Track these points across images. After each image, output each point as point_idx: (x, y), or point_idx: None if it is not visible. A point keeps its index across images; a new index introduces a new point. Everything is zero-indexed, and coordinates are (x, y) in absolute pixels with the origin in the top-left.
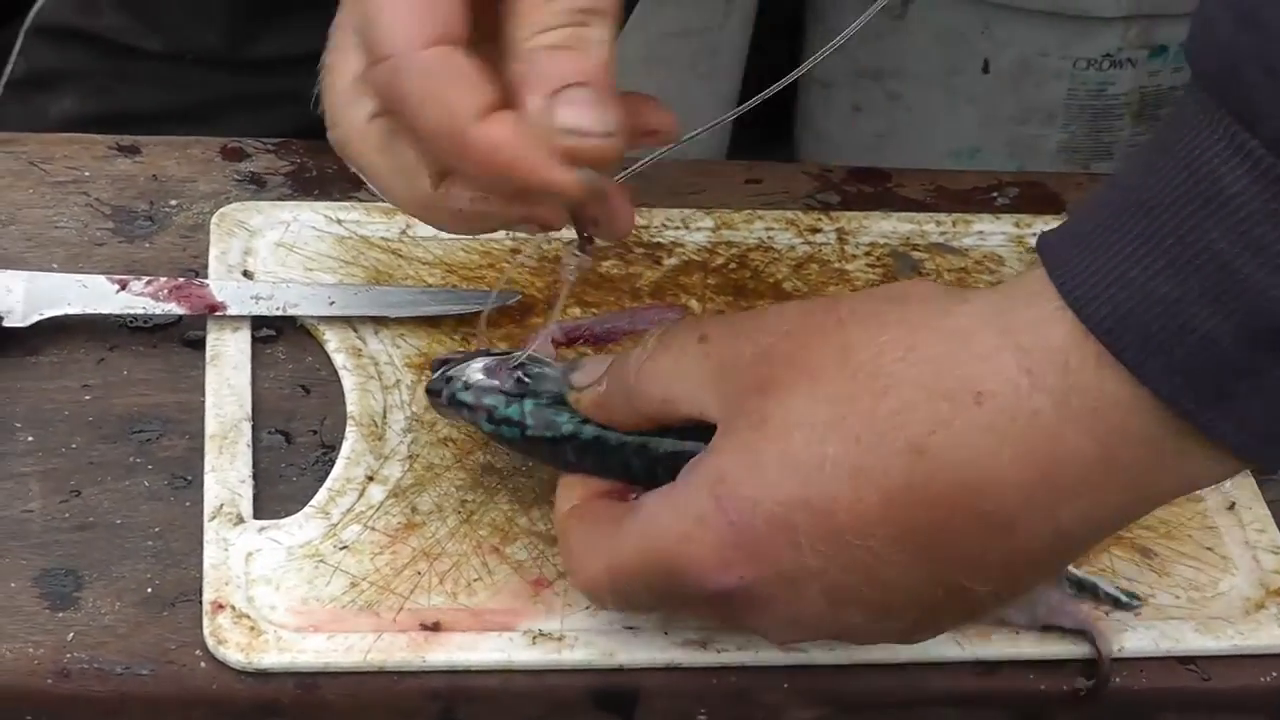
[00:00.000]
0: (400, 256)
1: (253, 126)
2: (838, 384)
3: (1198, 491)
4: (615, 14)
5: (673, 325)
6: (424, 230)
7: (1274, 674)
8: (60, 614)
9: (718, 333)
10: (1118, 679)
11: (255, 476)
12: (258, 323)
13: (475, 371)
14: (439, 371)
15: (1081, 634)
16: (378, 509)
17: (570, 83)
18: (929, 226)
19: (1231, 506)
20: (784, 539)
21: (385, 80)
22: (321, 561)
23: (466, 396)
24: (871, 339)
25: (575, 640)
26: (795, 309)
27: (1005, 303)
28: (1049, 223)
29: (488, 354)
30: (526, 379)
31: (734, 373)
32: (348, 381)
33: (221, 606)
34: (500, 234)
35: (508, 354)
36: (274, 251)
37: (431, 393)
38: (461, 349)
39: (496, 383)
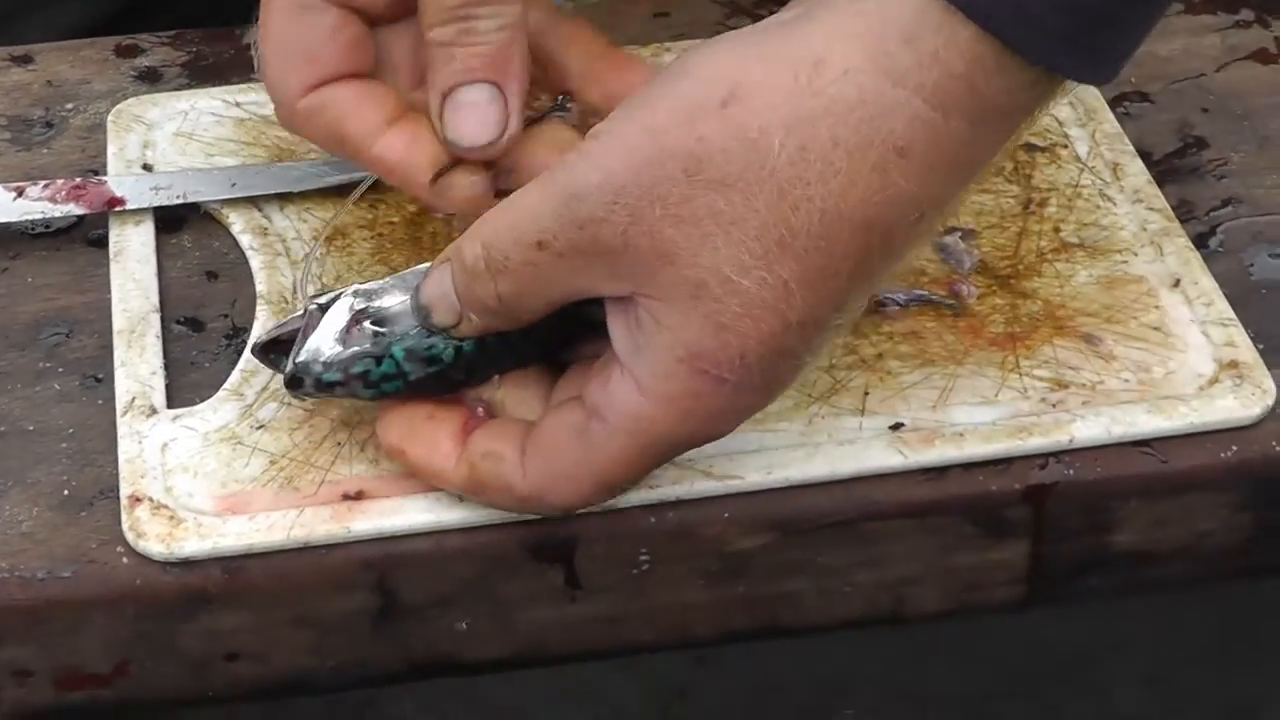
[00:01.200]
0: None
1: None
2: (747, 217)
3: (1140, 272)
4: None
5: (489, 239)
6: None
7: (1234, 448)
8: None
9: (556, 228)
10: (1071, 470)
11: (167, 367)
12: (162, 215)
13: (326, 344)
14: (279, 358)
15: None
16: None
17: (458, 83)
18: None
19: (1177, 283)
20: (785, 364)
21: (281, 123)
22: (239, 443)
23: (334, 375)
24: (748, 161)
25: None
26: (614, 172)
27: (879, 39)
28: None
29: (309, 319)
30: (380, 327)
31: (612, 256)
32: (255, 261)
33: (139, 499)
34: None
35: (328, 298)
36: (173, 142)
37: (293, 386)
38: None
39: (356, 347)
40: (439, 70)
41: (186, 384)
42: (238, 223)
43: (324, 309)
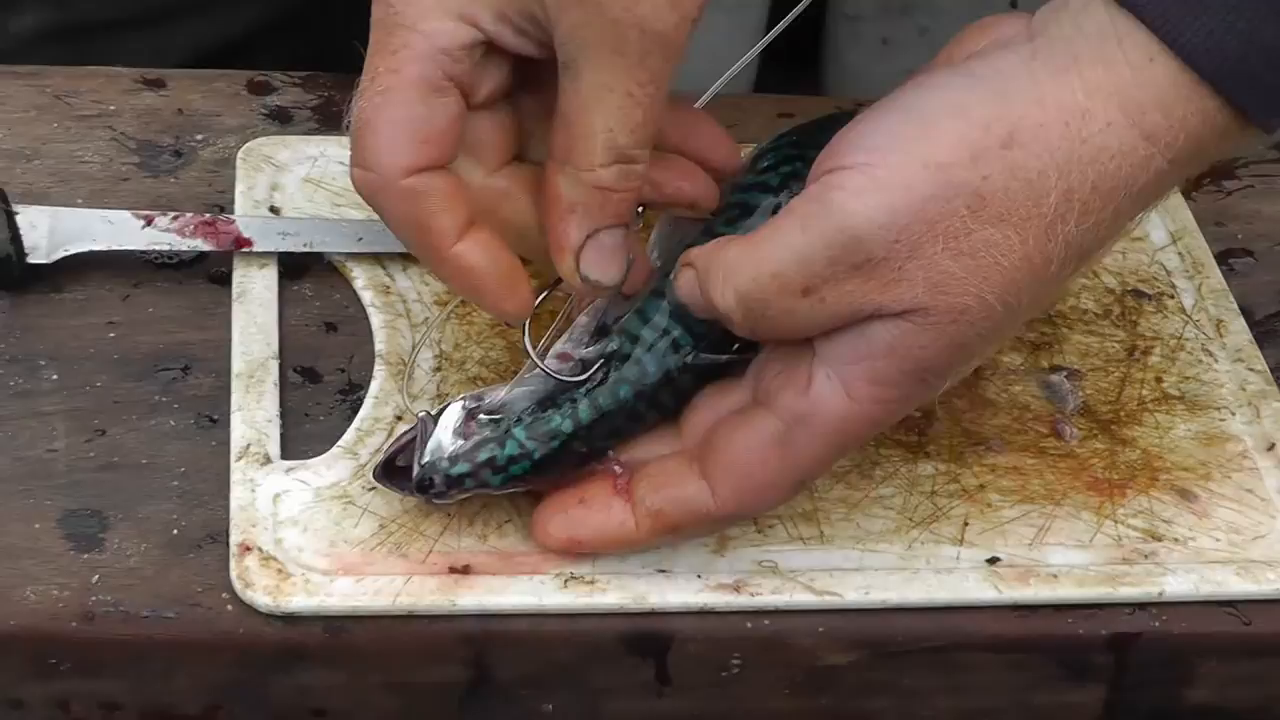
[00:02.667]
0: None
1: (216, 26)
2: (1018, 250)
3: (1237, 431)
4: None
5: (745, 289)
6: None
7: None
8: (85, 555)
9: (828, 273)
10: (1157, 623)
11: (282, 416)
12: (285, 259)
13: (447, 440)
14: (400, 480)
15: None
16: None
17: (605, 227)
18: None
19: (1272, 447)
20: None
21: (367, 193)
22: (350, 503)
23: (462, 467)
24: (1026, 199)
25: (607, 583)
26: (892, 209)
27: (1136, 104)
28: None
29: (423, 427)
30: (497, 414)
31: (881, 292)
32: (375, 319)
33: (249, 548)
34: None
35: (437, 408)
36: (301, 187)
37: (423, 489)
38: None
39: (477, 437)
40: (589, 212)
41: (300, 435)
42: (361, 277)
43: (435, 417)
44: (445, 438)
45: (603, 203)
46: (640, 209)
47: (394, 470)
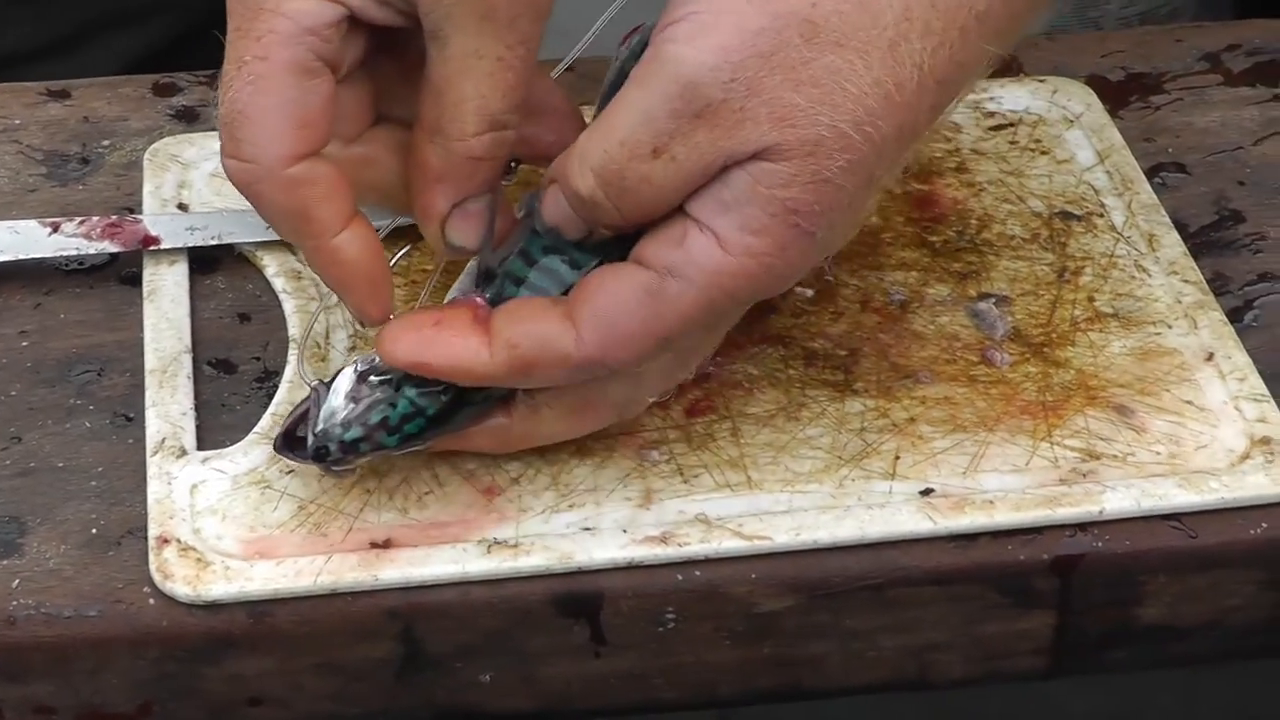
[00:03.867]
0: None
1: (124, 44)
2: (863, 74)
3: (1174, 344)
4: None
5: (599, 163)
6: None
7: (1263, 525)
8: (4, 561)
9: (672, 126)
10: (1100, 543)
11: (198, 408)
12: (196, 255)
13: (339, 405)
14: (301, 441)
15: None
16: None
17: (473, 194)
18: None
19: (1210, 357)
20: (851, 214)
21: (245, 182)
22: (268, 487)
23: (355, 431)
24: (861, 21)
25: (531, 545)
26: (725, 49)
27: None
28: (1005, 86)
29: (316, 395)
30: (387, 374)
31: (727, 135)
32: (288, 305)
33: (167, 540)
34: None
35: (332, 377)
36: (209, 182)
37: (319, 458)
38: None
39: (368, 399)
40: (457, 181)
41: (217, 426)
42: (271, 265)
43: (328, 385)
44: (337, 403)
45: (472, 172)
46: (513, 165)
47: (294, 441)
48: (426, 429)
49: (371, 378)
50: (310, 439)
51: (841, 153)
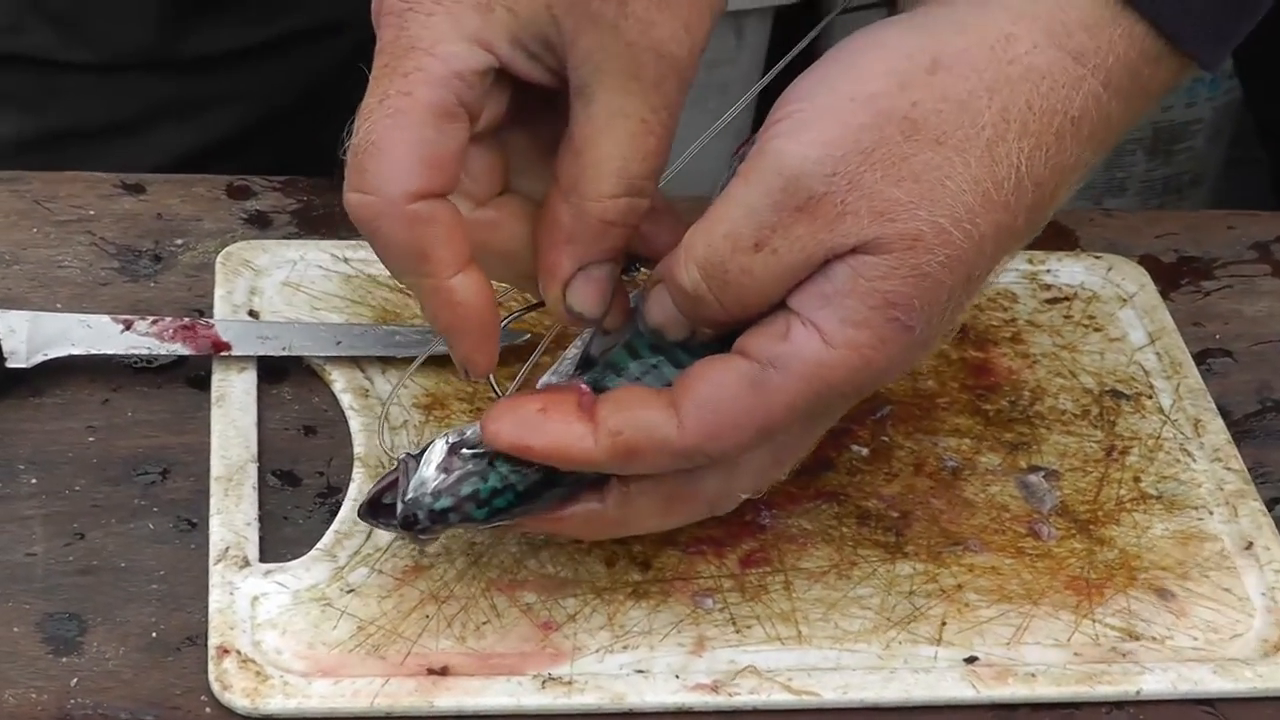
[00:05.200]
0: (407, 295)
1: (196, 131)
2: (961, 171)
3: (1215, 530)
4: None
5: (703, 257)
6: None
7: None
8: (64, 659)
9: (774, 220)
10: None
11: (261, 519)
12: (264, 363)
13: (430, 476)
14: (387, 519)
15: None
16: (385, 551)
17: (599, 260)
18: None
19: (1249, 546)
20: (952, 313)
21: (367, 216)
22: (328, 605)
23: (445, 501)
24: (960, 120)
25: (585, 684)
26: (825, 144)
27: (1061, 25)
28: (1062, 260)
29: (405, 466)
30: (480, 448)
31: (828, 230)
32: (354, 422)
33: (227, 651)
34: None
35: (419, 449)
36: (280, 291)
37: (408, 526)
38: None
39: (459, 471)
40: (585, 244)
41: (279, 538)
42: (339, 380)
43: (417, 456)
44: (429, 473)
45: (601, 235)
46: (636, 266)
47: (380, 509)
48: (515, 505)
49: (464, 450)
50: (400, 506)
51: (941, 248)
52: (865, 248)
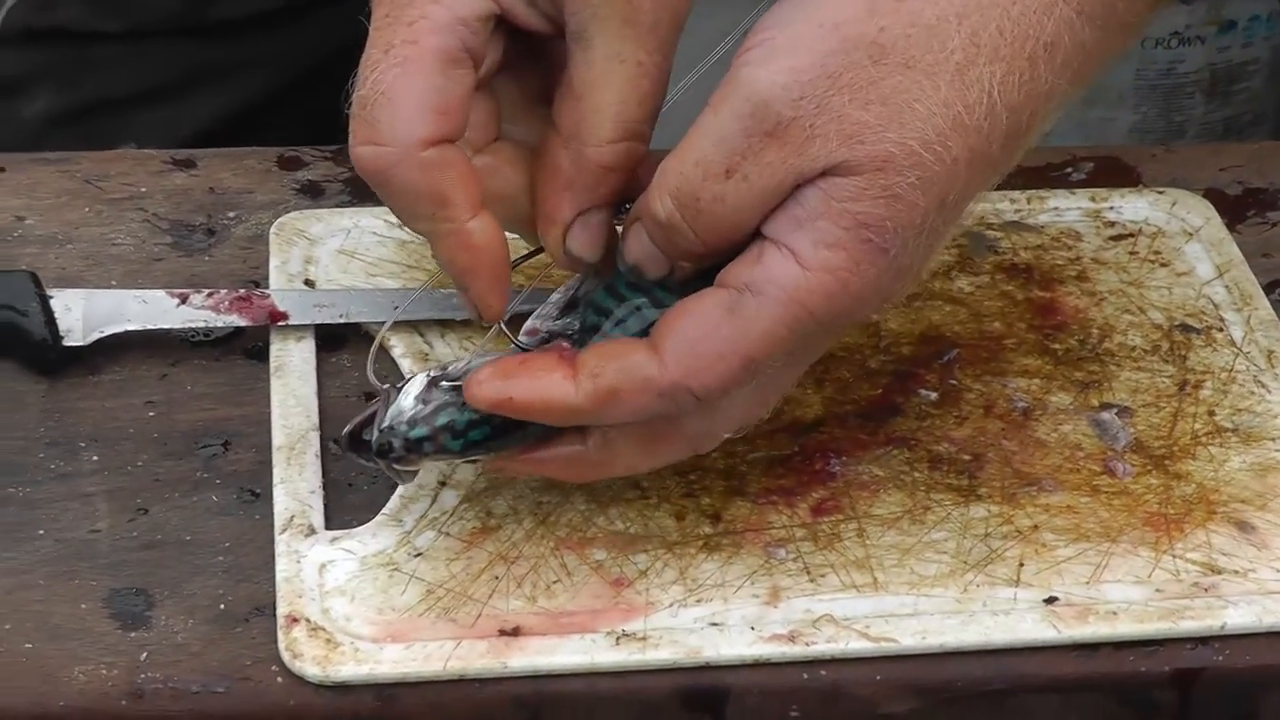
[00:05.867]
0: None
1: (227, 97)
2: (931, 95)
3: None
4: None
5: (675, 186)
6: None
7: None
8: (132, 634)
9: (744, 146)
10: (1220, 657)
11: (325, 487)
12: (322, 332)
13: (408, 405)
14: (366, 436)
15: None
16: (451, 514)
17: (599, 206)
18: (1003, 205)
19: None
20: (929, 240)
21: (380, 166)
22: (396, 570)
23: (421, 430)
24: (929, 45)
25: (660, 639)
26: (794, 70)
27: None
28: (1125, 197)
29: (387, 397)
30: (458, 380)
31: (798, 153)
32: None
33: (296, 620)
34: None
35: (404, 383)
36: (335, 259)
37: (383, 453)
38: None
39: (437, 402)
40: (585, 189)
41: (344, 505)
42: (399, 346)
43: (399, 388)
44: (406, 403)
45: (600, 181)
46: (627, 206)
47: (359, 443)
48: (491, 438)
49: (443, 383)
50: (376, 434)
51: (911, 169)
52: (835, 170)
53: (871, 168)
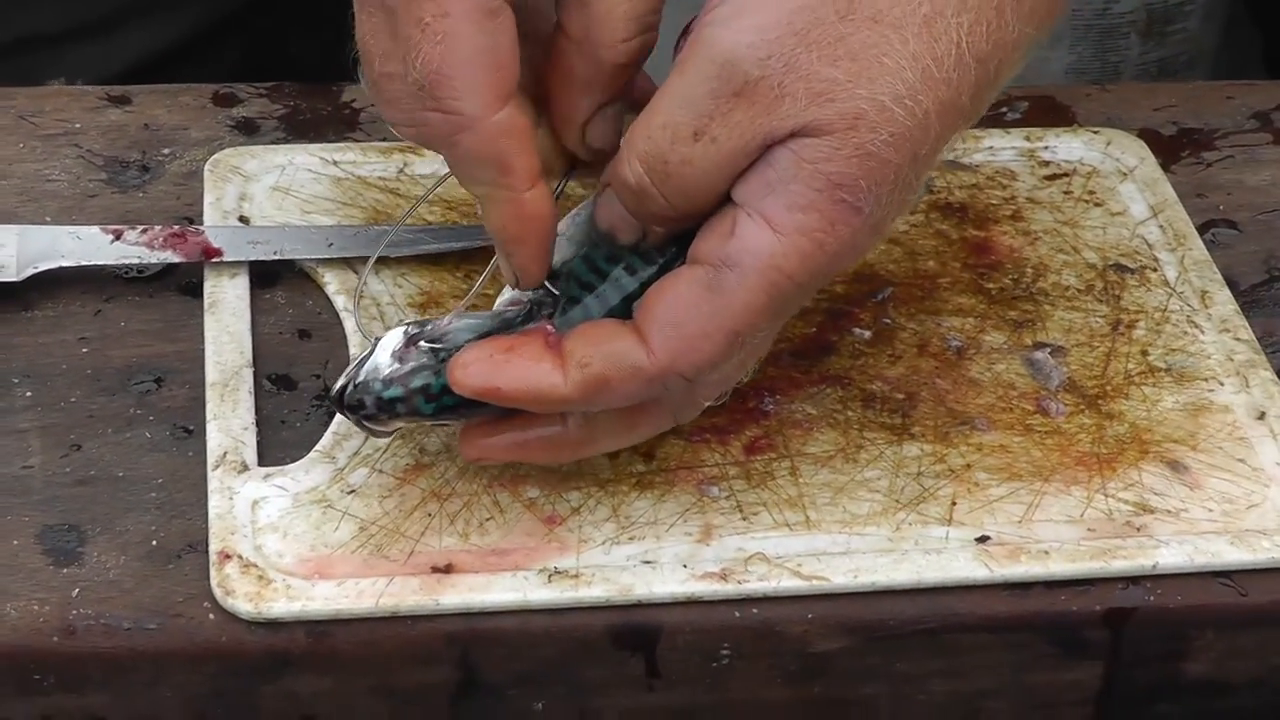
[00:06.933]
0: (398, 195)
1: (157, 32)
2: (899, 49)
3: (1226, 401)
4: None
5: (643, 150)
6: (422, 168)
7: None
8: (64, 570)
9: (712, 107)
10: (1151, 597)
11: (258, 423)
12: (256, 268)
13: (384, 363)
14: (341, 392)
15: None
16: (385, 451)
17: (609, 101)
18: None
19: (1261, 416)
20: (902, 193)
21: (447, 134)
22: (329, 506)
23: (395, 391)
24: (894, 5)
25: (592, 577)
26: (761, 29)
27: None
28: (1060, 136)
29: (370, 346)
30: (438, 343)
31: (767, 112)
32: (349, 324)
33: (228, 556)
34: None
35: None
36: (270, 196)
37: (354, 409)
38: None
39: (414, 363)
40: (601, 88)
41: (277, 442)
42: (333, 283)
43: (376, 341)
44: (383, 359)
45: (616, 78)
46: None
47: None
48: (463, 404)
49: (421, 343)
50: (349, 388)
51: (884, 126)
52: (806, 130)
53: (843, 126)
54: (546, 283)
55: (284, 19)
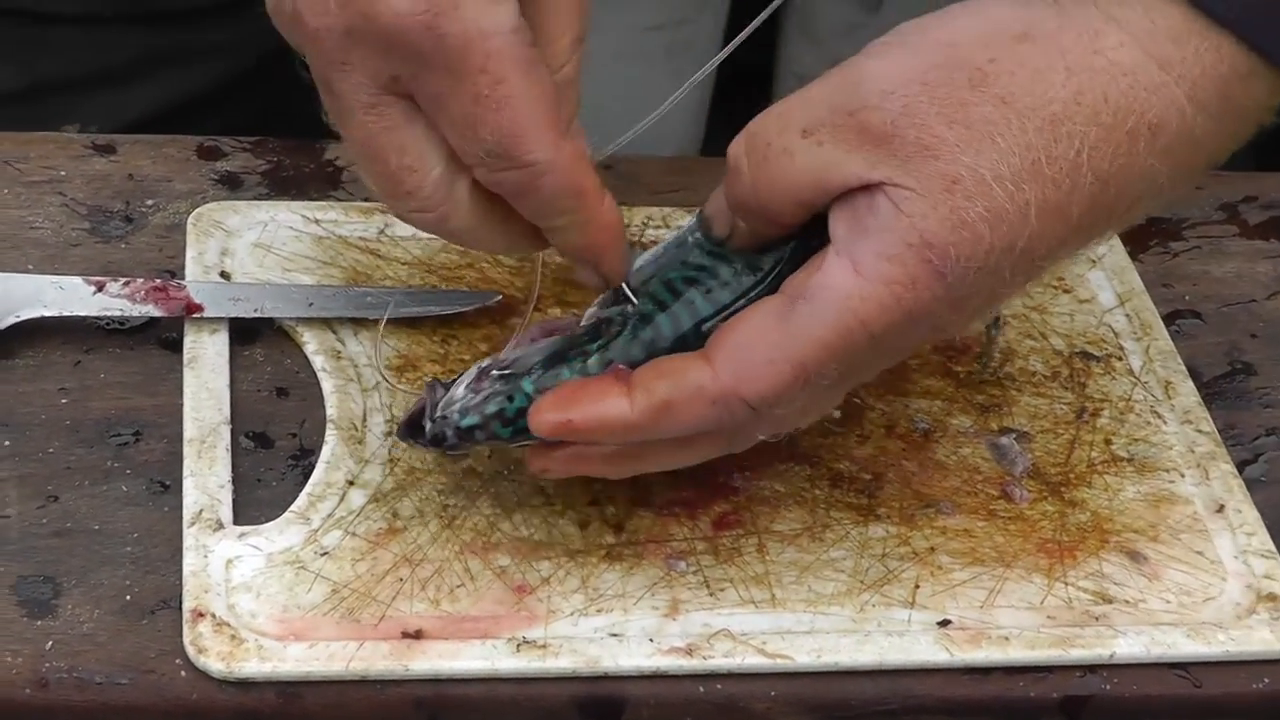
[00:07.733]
0: (379, 257)
1: (175, 85)
2: (1016, 135)
3: (1186, 493)
4: None
5: (754, 128)
6: (402, 230)
7: (1265, 680)
8: (38, 622)
9: (826, 115)
10: (1108, 686)
11: (234, 481)
12: (236, 325)
13: (459, 395)
14: (422, 421)
15: None
16: (358, 514)
17: None
18: None
19: (1221, 509)
20: (992, 282)
21: (539, 181)
22: (302, 568)
23: (472, 419)
24: (1032, 89)
25: (560, 647)
26: (898, 70)
27: (1149, 32)
28: None
29: (432, 389)
30: (509, 369)
31: (874, 145)
32: (327, 384)
33: (202, 614)
34: None
35: (450, 381)
36: (251, 252)
37: (436, 442)
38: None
39: (488, 390)
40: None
41: (253, 500)
42: (312, 342)
43: (446, 384)
44: (458, 393)
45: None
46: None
47: (415, 429)
48: None
49: (493, 372)
50: (429, 425)
51: (980, 197)
52: (910, 182)
53: (939, 187)
54: (627, 289)
55: (289, 80)
